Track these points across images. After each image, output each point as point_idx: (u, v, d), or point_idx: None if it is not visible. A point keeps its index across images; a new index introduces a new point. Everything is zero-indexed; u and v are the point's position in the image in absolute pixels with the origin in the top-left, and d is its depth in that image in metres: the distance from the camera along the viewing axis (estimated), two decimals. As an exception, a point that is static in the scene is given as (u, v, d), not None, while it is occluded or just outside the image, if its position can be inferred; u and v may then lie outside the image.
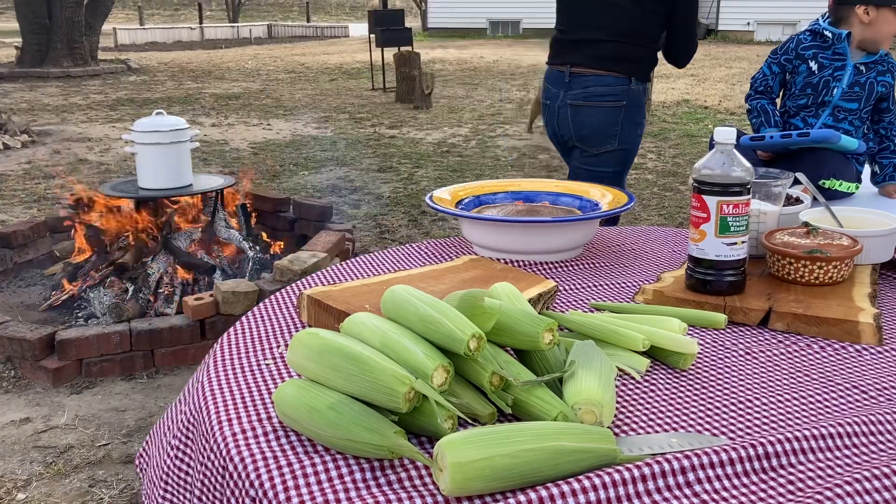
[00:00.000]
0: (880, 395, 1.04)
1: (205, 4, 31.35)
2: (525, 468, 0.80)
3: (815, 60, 2.89)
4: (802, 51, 2.93)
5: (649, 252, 1.69)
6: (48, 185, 6.14)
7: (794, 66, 2.95)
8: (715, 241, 1.31)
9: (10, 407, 2.82)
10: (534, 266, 1.56)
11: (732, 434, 0.94)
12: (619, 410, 1.00)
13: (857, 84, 2.86)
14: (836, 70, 2.87)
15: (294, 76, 14.28)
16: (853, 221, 1.53)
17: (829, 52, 2.88)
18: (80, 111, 10.00)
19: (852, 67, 2.87)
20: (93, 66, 14.29)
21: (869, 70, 2.87)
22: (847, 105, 2.88)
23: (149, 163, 3.49)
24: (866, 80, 2.85)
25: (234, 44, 22.82)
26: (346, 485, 0.83)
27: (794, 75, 2.96)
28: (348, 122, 9.07)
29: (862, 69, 2.87)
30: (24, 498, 2.31)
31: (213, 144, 7.75)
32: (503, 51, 18.85)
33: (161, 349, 3.10)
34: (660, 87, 11.58)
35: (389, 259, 1.65)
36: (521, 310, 1.02)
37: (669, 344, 1.12)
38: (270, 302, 1.40)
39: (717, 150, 1.30)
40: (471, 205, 1.74)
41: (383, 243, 4.73)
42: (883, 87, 2.87)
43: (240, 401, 1.02)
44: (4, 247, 3.87)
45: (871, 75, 2.86)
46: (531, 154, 7.30)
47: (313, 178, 6.41)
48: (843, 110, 2.89)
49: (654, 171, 6.56)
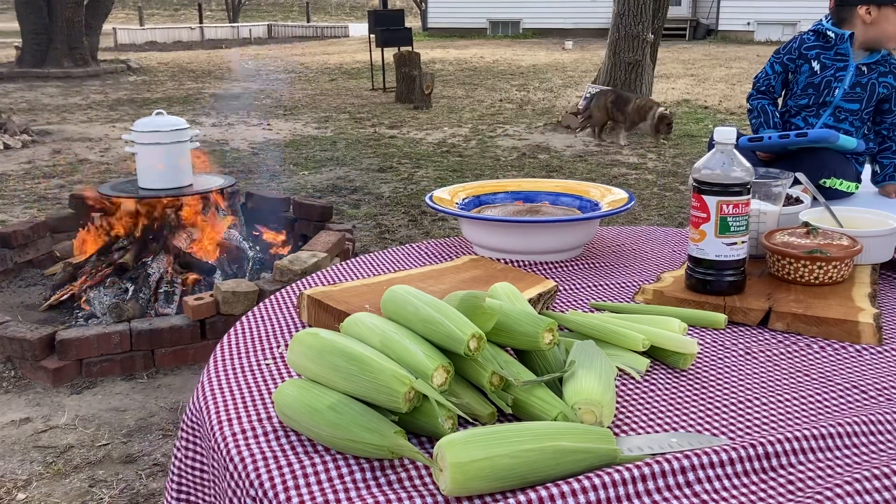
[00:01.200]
0: (880, 395, 1.04)
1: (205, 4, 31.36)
2: (525, 468, 0.80)
3: (818, 60, 2.89)
4: (805, 50, 2.93)
5: (649, 252, 1.69)
6: (48, 185, 6.14)
7: (796, 65, 2.95)
8: (715, 241, 1.31)
9: (10, 407, 2.82)
10: (534, 266, 1.56)
11: (732, 434, 0.94)
12: (619, 410, 1.00)
13: (859, 85, 2.86)
14: (838, 70, 2.87)
15: (294, 76, 14.28)
16: (853, 221, 1.53)
17: (832, 53, 2.88)
18: (80, 111, 10.00)
19: (854, 68, 2.87)
20: (93, 66, 14.29)
21: (871, 71, 2.87)
22: (848, 106, 2.88)
23: (149, 163, 3.49)
24: (868, 81, 2.85)
25: (234, 44, 22.82)
26: (346, 485, 0.83)
27: (797, 75, 2.96)
28: (348, 122, 9.07)
29: (864, 70, 2.87)
30: (24, 498, 2.31)
31: (213, 144, 7.75)
32: (503, 51, 18.85)
33: (161, 349, 3.10)
34: (660, 87, 11.59)
35: (389, 259, 1.65)
36: (521, 310, 1.02)
37: (669, 344, 1.12)
38: (270, 302, 1.40)
39: (717, 150, 1.30)
40: (471, 205, 1.74)
41: (383, 243, 4.73)
42: (884, 88, 2.87)
43: (240, 401, 1.02)
44: (4, 247, 3.87)
45: (872, 76, 2.86)
46: (531, 154, 7.30)
47: (313, 178, 6.41)
48: (844, 111, 2.89)
49: (654, 171, 6.56)
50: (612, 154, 7.29)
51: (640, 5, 8.22)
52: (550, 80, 13.07)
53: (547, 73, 14.21)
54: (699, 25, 21.44)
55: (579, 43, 20.21)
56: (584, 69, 14.53)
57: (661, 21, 8.91)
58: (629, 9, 8.24)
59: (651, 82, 8.79)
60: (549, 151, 7.40)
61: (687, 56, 16.78)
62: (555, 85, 12.50)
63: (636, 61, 8.36)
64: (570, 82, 12.78)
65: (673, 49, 18.09)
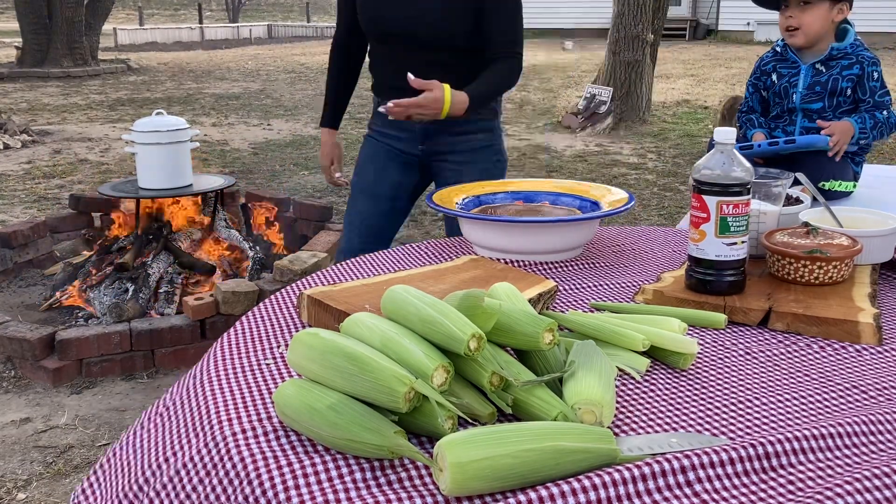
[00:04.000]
0: (880, 395, 1.04)
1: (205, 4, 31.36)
2: (525, 468, 0.80)
3: (776, 72, 2.96)
4: (765, 67, 3.02)
5: (649, 252, 1.69)
6: (48, 185, 6.14)
7: (762, 82, 3.03)
8: (715, 241, 1.31)
9: (10, 407, 2.82)
10: (534, 266, 1.56)
11: (732, 434, 0.95)
12: (619, 410, 1.00)
13: (818, 84, 2.85)
14: (791, 76, 2.90)
15: (294, 76, 14.28)
16: (853, 221, 1.53)
17: (787, 62, 2.93)
18: (80, 111, 10.00)
19: (806, 69, 2.87)
20: (93, 66, 14.28)
21: (830, 68, 2.84)
22: (811, 107, 2.88)
23: (149, 163, 3.49)
24: (828, 77, 2.84)
25: (234, 44, 22.82)
26: (346, 485, 0.83)
27: (766, 92, 3.02)
28: (348, 122, 9.07)
29: (821, 69, 2.85)
30: (24, 498, 2.31)
31: (213, 144, 7.75)
32: (503, 51, 18.81)
33: (161, 349, 3.10)
34: (660, 87, 11.58)
35: (389, 259, 1.65)
36: (521, 310, 1.02)
37: (669, 344, 1.12)
38: (270, 302, 1.40)
39: (717, 150, 1.30)
40: (471, 205, 1.74)
41: (383, 243, 4.72)
42: (849, 81, 2.84)
43: (240, 401, 1.02)
44: (4, 247, 3.87)
45: (833, 72, 2.84)
46: (531, 154, 7.30)
47: (313, 178, 6.41)
48: (810, 112, 2.90)
49: (654, 171, 6.56)
50: (612, 154, 7.29)
51: (640, 5, 8.21)
52: (550, 80, 13.07)
53: (547, 73, 14.21)
54: (699, 25, 21.43)
55: (579, 43, 20.21)
56: (584, 69, 14.52)
57: (661, 21, 8.90)
58: (629, 9, 8.24)
59: (651, 82, 8.79)
60: (549, 151, 7.40)
61: (687, 56, 16.78)
62: (555, 85, 12.49)
63: (636, 61, 8.36)
64: (570, 82, 12.78)
65: (673, 49, 18.09)
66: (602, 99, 8.47)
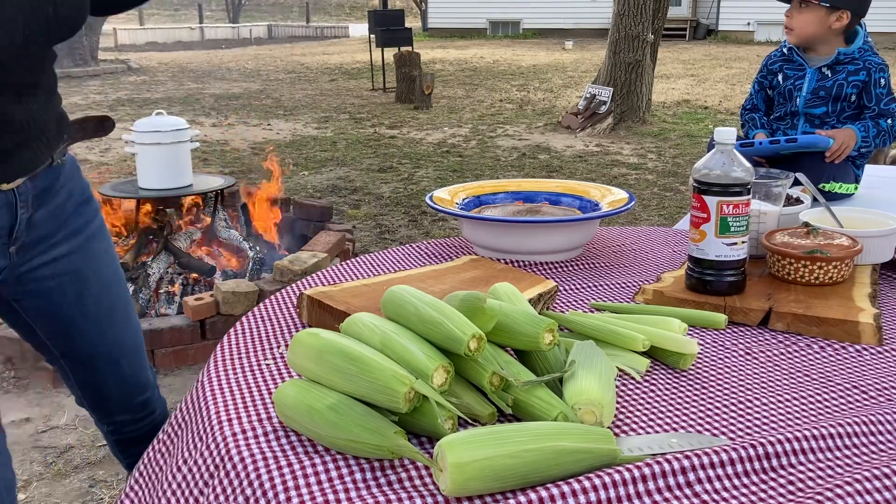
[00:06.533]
0: (880, 395, 1.04)
1: (205, 4, 31.36)
2: (525, 468, 0.80)
3: (782, 72, 2.95)
4: (772, 66, 3.01)
5: (649, 252, 1.69)
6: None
7: (769, 81, 3.03)
8: (715, 241, 1.31)
9: (10, 407, 2.82)
10: (534, 266, 1.56)
11: (732, 434, 0.94)
12: (619, 410, 1.00)
13: (823, 89, 2.85)
14: (797, 79, 2.90)
15: (294, 76, 14.28)
16: (853, 221, 1.53)
17: (793, 65, 2.93)
18: (79, 111, 10.00)
19: (812, 73, 2.86)
20: (93, 66, 14.30)
21: (836, 73, 2.83)
22: (815, 111, 2.88)
23: (149, 163, 3.49)
24: (833, 82, 2.83)
25: (234, 44, 22.82)
26: (346, 485, 0.83)
27: (772, 91, 3.02)
28: (348, 122, 9.07)
29: (827, 73, 2.85)
30: (24, 498, 2.31)
31: (213, 144, 7.75)
32: (503, 51, 18.85)
33: (161, 349, 3.09)
34: (660, 87, 11.59)
35: (389, 259, 1.65)
36: (521, 310, 1.02)
37: (669, 344, 1.12)
38: (270, 302, 1.40)
39: (717, 151, 1.30)
40: (471, 205, 1.74)
41: (383, 243, 4.73)
42: (854, 87, 2.83)
43: (240, 401, 1.02)
44: (4, 247, 3.87)
45: (838, 77, 2.83)
46: (531, 154, 7.30)
47: (313, 178, 6.41)
48: (813, 116, 2.89)
49: (654, 171, 6.56)
50: (612, 154, 7.29)
51: (640, 5, 8.22)
52: (550, 80, 13.07)
53: (547, 73, 14.21)
54: (699, 25, 21.43)
55: (579, 43, 20.21)
56: (584, 69, 14.53)
57: (661, 21, 8.90)
58: (629, 9, 8.24)
59: (651, 82, 8.79)
60: (549, 151, 7.40)
61: (687, 56, 16.79)
62: (555, 85, 12.50)
63: (636, 61, 8.36)
64: (570, 82, 12.79)
65: (673, 49, 18.09)
66: (602, 99, 8.47)
